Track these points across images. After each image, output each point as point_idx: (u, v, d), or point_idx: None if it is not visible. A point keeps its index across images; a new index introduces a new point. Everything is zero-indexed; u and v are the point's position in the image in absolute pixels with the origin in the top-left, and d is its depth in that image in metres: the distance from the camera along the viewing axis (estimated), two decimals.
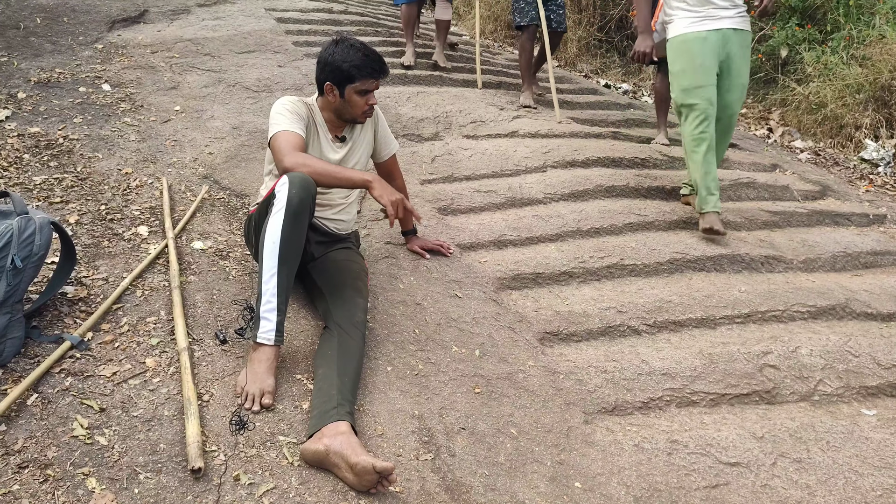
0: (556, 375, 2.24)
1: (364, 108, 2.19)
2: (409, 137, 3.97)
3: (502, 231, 3.06)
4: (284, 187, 1.88)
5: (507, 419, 1.98)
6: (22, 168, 2.78)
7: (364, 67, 2.12)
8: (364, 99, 2.17)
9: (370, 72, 2.13)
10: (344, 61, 2.11)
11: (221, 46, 4.75)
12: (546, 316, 2.54)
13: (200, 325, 2.02)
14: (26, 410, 1.59)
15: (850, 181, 4.78)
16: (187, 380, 1.73)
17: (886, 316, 2.83)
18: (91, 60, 4.13)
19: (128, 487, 1.45)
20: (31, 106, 3.38)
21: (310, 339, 2.10)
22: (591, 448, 1.96)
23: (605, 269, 2.90)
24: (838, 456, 2.07)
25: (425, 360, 2.14)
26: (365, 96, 2.17)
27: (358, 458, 1.53)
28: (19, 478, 1.42)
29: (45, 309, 1.94)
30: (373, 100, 2.19)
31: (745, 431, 2.12)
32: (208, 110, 3.79)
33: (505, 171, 3.68)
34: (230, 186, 3.06)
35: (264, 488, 1.52)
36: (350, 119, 2.24)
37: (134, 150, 3.17)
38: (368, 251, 2.70)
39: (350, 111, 2.20)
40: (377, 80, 2.17)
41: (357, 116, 2.22)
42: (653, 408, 2.21)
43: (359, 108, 2.18)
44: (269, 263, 1.85)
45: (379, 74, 2.16)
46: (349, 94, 2.16)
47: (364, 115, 2.22)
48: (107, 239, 2.39)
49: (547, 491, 1.76)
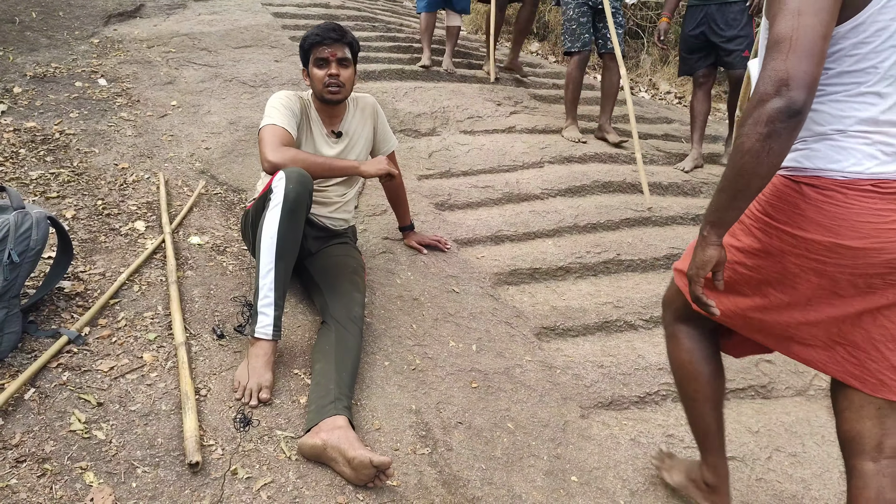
0: (553, 370, 2.25)
1: (323, 79, 2.15)
2: (407, 133, 3.96)
3: (499, 226, 3.06)
4: (281, 182, 1.87)
5: (504, 413, 1.99)
6: (18, 163, 2.77)
7: (311, 36, 2.15)
8: (323, 71, 2.15)
9: (314, 37, 2.14)
10: (302, 38, 2.18)
11: (218, 41, 4.73)
12: (543, 311, 2.55)
13: (198, 320, 2.03)
14: (24, 405, 1.59)
15: None
16: (185, 374, 1.73)
17: None
18: (87, 55, 4.12)
19: (125, 481, 1.45)
20: (27, 100, 3.37)
21: (307, 333, 2.10)
22: (588, 442, 1.97)
23: (602, 264, 2.90)
24: (833, 450, 2.09)
25: (422, 354, 2.14)
26: (323, 68, 2.15)
27: (355, 453, 1.54)
28: (17, 472, 1.42)
29: (41, 304, 1.93)
30: (332, 70, 2.15)
31: (741, 426, 2.14)
32: (205, 105, 3.78)
33: (502, 167, 3.68)
34: (227, 181, 3.06)
35: (262, 482, 1.52)
36: (320, 97, 2.20)
37: (130, 145, 3.16)
38: (366, 246, 2.70)
39: (316, 88, 2.18)
40: (329, 46, 2.14)
41: (321, 92, 2.17)
42: (649, 402, 2.22)
43: (318, 80, 2.16)
44: (266, 258, 1.85)
45: (324, 38, 2.14)
46: (311, 70, 2.18)
47: (327, 90, 2.16)
48: (104, 234, 2.39)
49: (543, 485, 1.77)
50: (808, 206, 1.24)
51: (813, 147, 1.25)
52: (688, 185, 3.74)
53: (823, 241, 1.23)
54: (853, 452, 1.34)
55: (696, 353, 1.58)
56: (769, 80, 1.10)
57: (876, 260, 1.22)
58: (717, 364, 1.58)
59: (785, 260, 1.30)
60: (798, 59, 1.08)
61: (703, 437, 1.63)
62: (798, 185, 1.26)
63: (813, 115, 1.24)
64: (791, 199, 1.27)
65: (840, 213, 1.21)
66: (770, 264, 1.32)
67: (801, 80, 1.08)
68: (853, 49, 1.18)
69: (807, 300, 1.31)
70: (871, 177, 1.20)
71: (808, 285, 1.30)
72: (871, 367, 1.31)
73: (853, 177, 1.20)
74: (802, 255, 1.27)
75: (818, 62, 1.09)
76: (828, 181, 1.22)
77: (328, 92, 2.16)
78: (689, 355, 1.59)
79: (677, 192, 3.68)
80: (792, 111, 1.08)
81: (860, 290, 1.27)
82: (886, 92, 1.18)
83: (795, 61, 1.08)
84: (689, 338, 1.60)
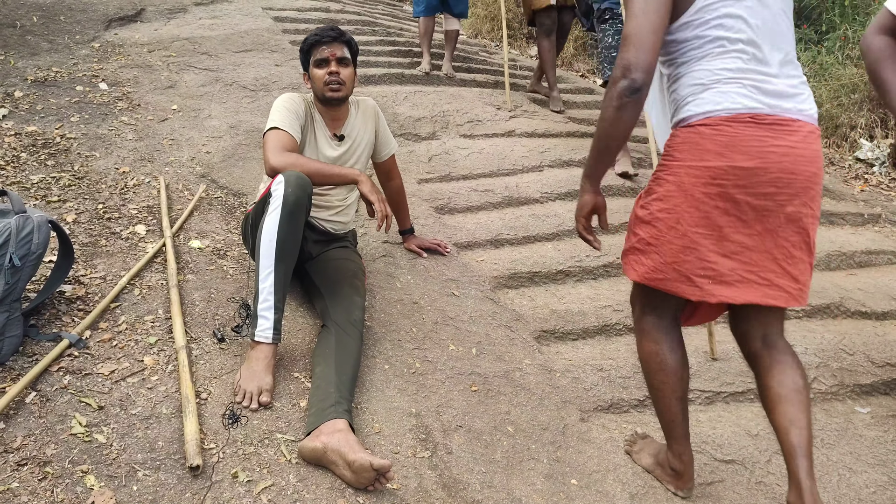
0: (553, 373, 2.25)
1: (324, 78, 2.16)
2: (407, 137, 3.98)
3: (499, 230, 3.07)
4: (280, 186, 1.88)
5: (504, 417, 1.99)
6: (19, 167, 2.78)
7: (310, 37, 2.19)
8: (323, 70, 2.17)
9: (313, 38, 2.18)
10: (302, 42, 2.22)
11: (219, 45, 4.75)
12: (542, 314, 2.55)
13: (198, 324, 2.03)
14: (25, 408, 1.59)
15: (845, 181, 4.80)
16: (185, 378, 1.73)
17: (881, 314, 2.85)
18: (88, 59, 4.13)
19: (126, 485, 1.46)
20: (28, 104, 3.38)
21: (307, 337, 2.10)
22: (588, 445, 1.97)
23: (602, 267, 2.91)
24: (832, 453, 2.09)
25: (422, 358, 2.15)
26: (323, 68, 2.17)
27: (355, 456, 1.54)
28: (18, 475, 1.42)
29: (42, 307, 1.94)
30: (332, 68, 2.16)
31: (740, 429, 2.14)
32: (205, 109, 3.79)
33: (502, 171, 3.69)
34: (227, 185, 3.07)
35: (262, 485, 1.53)
36: (322, 98, 2.21)
37: (131, 149, 3.17)
38: (366, 250, 2.71)
39: (317, 88, 2.19)
40: (328, 45, 2.17)
41: (323, 91, 2.18)
42: (648, 405, 2.22)
43: (319, 80, 2.17)
44: (265, 262, 1.86)
45: (322, 37, 2.17)
46: (311, 71, 2.20)
47: (328, 89, 2.17)
48: (104, 238, 2.40)
49: (543, 488, 1.77)
50: (705, 140, 1.54)
51: (701, 97, 1.56)
52: None
53: (721, 165, 1.52)
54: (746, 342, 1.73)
55: (663, 344, 1.73)
56: (618, 67, 1.49)
57: (763, 178, 1.51)
58: (682, 354, 1.75)
59: (694, 191, 1.54)
60: (636, 51, 1.47)
61: (669, 426, 1.77)
62: (694, 128, 1.56)
63: (696, 75, 1.57)
64: (690, 140, 1.56)
65: (730, 142, 1.51)
66: (683, 199, 1.56)
67: (639, 66, 1.46)
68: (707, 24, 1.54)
69: (719, 230, 1.55)
70: (748, 111, 1.51)
71: (716, 213, 1.54)
72: (779, 282, 1.58)
73: (734, 112, 1.52)
74: (707, 182, 1.53)
75: (652, 52, 1.48)
76: (716, 118, 1.53)
77: (329, 90, 2.17)
78: (657, 346, 1.74)
79: None
80: (633, 89, 1.47)
81: (758, 213, 1.54)
82: (745, 48, 1.53)
83: (634, 53, 1.47)
84: (655, 328, 1.74)
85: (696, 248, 1.56)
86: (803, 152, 1.53)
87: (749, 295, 1.57)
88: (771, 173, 1.51)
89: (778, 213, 1.54)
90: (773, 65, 1.54)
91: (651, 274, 1.63)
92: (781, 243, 1.56)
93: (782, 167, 1.51)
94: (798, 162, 1.52)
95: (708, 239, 1.55)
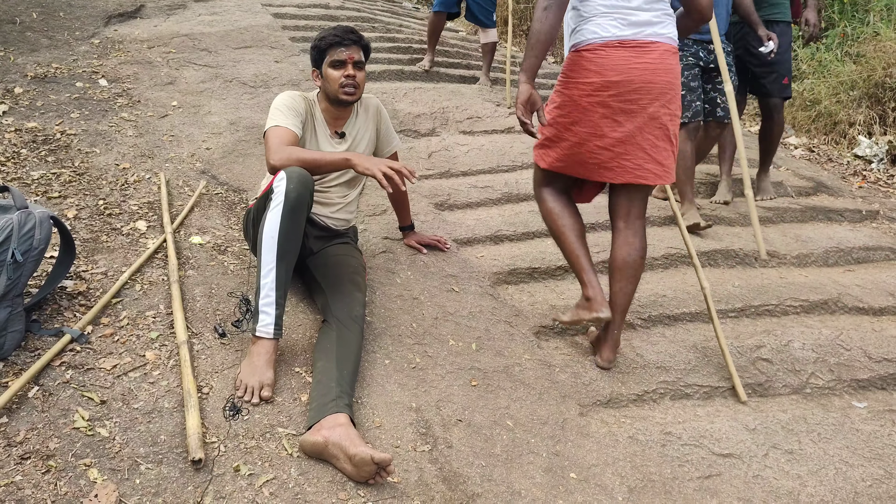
0: (552, 368, 2.27)
1: (340, 80, 2.17)
2: (407, 133, 3.98)
3: (498, 226, 3.08)
4: (282, 182, 1.89)
5: (504, 411, 2.00)
6: (20, 163, 2.78)
7: (328, 37, 2.18)
8: (340, 72, 2.17)
9: (332, 38, 2.17)
10: (316, 41, 2.21)
11: (218, 42, 4.75)
12: (542, 310, 2.56)
13: (199, 319, 2.04)
14: (28, 403, 1.60)
15: (843, 177, 4.81)
16: (187, 372, 1.75)
17: (878, 310, 2.87)
18: (88, 55, 4.13)
19: (129, 478, 1.47)
20: (28, 101, 3.38)
21: (308, 332, 2.12)
22: (587, 440, 1.99)
23: (601, 263, 2.92)
24: (829, 447, 2.11)
25: (422, 353, 2.16)
26: (339, 69, 2.17)
27: (356, 450, 1.55)
28: (21, 469, 1.44)
29: (44, 303, 1.95)
30: (349, 71, 2.17)
31: (738, 423, 2.15)
32: (205, 106, 3.79)
33: (501, 167, 3.70)
34: (228, 181, 3.08)
35: (264, 479, 1.54)
36: (335, 99, 2.21)
37: (132, 146, 3.17)
38: (366, 246, 2.72)
39: (330, 88, 2.20)
40: (346, 48, 2.17)
41: (337, 93, 2.18)
42: (647, 400, 2.24)
43: (334, 81, 2.17)
44: (267, 257, 1.87)
45: (342, 40, 2.17)
46: (325, 71, 2.20)
47: (343, 91, 2.18)
48: (105, 233, 2.40)
49: (543, 481, 1.78)
50: (587, 62, 2.05)
51: (584, 27, 2.06)
52: None
53: (598, 81, 2.03)
54: (614, 218, 2.25)
55: (557, 203, 2.29)
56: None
57: (629, 88, 2.02)
58: (573, 209, 2.30)
59: (581, 101, 2.07)
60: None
61: (575, 261, 2.23)
62: (580, 53, 2.07)
63: (582, 10, 2.06)
64: (577, 62, 2.08)
65: (604, 62, 2.02)
66: (574, 107, 2.10)
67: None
68: None
69: (601, 129, 2.07)
70: (617, 38, 2.01)
71: (597, 116, 2.06)
72: (647, 166, 2.11)
73: (607, 39, 2.02)
74: (589, 94, 2.05)
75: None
76: (594, 45, 2.04)
77: (344, 93, 2.18)
78: (553, 205, 2.29)
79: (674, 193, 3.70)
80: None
81: (628, 115, 2.05)
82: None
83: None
84: (551, 195, 2.31)
85: (585, 143, 2.11)
86: (659, 66, 2.03)
87: (625, 176, 2.12)
88: (634, 84, 2.02)
89: (642, 114, 2.05)
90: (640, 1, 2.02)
91: (555, 163, 2.22)
92: (647, 136, 2.08)
93: (643, 79, 2.02)
94: (656, 73, 2.03)
95: (593, 136, 2.09)
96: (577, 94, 2.07)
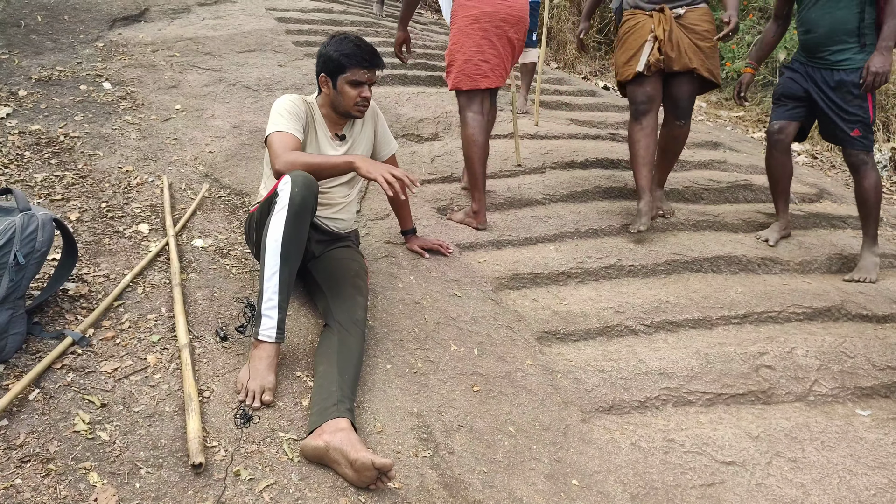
0: (554, 374, 2.26)
1: (356, 99, 2.18)
2: (409, 138, 3.99)
3: (501, 231, 3.08)
4: (287, 186, 1.89)
5: (506, 417, 2.00)
6: (23, 165, 2.79)
7: (353, 56, 2.14)
8: (357, 91, 2.17)
9: (359, 61, 2.15)
10: (336, 51, 2.16)
11: (222, 45, 4.76)
12: (544, 315, 2.56)
13: (201, 322, 2.04)
14: (28, 406, 1.60)
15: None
16: (188, 376, 1.74)
17: (881, 318, 2.86)
18: (92, 58, 4.14)
19: (129, 482, 1.46)
20: (32, 103, 3.39)
21: (310, 336, 2.11)
22: (589, 446, 1.98)
23: (603, 269, 2.92)
24: (833, 455, 2.09)
25: (424, 358, 2.15)
26: (357, 88, 2.17)
27: (357, 455, 1.55)
28: (21, 472, 1.43)
29: (46, 305, 1.95)
30: (366, 93, 2.19)
31: (741, 431, 2.14)
32: (209, 109, 3.80)
33: (504, 172, 3.69)
34: (230, 185, 3.08)
35: (264, 483, 1.53)
36: (344, 112, 2.23)
37: (135, 149, 3.18)
38: (368, 250, 2.71)
39: (343, 103, 2.20)
40: (368, 71, 2.17)
41: (350, 109, 2.21)
42: (650, 407, 2.23)
43: (350, 99, 2.18)
44: (271, 261, 1.87)
45: (369, 65, 2.16)
46: (341, 85, 2.18)
47: (357, 108, 2.21)
48: (108, 236, 2.40)
49: (544, 488, 1.77)
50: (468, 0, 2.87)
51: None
52: (689, 192, 3.76)
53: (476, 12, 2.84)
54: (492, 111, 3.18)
55: (476, 128, 2.93)
56: None
57: (498, 17, 2.85)
58: (487, 137, 3.01)
59: (465, 28, 2.87)
60: None
61: (475, 182, 2.98)
62: None
63: None
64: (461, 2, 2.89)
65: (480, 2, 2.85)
66: (461, 35, 2.89)
67: None
68: None
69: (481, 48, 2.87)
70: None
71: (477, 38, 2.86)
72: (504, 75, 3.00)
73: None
74: (471, 22, 2.86)
75: None
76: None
77: (356, 110, 2.22)
78: (472, 129, 2.93)
79: (678, 199, 3.70)
80: None
81: (498, 37, 2.88)
82: None
83: None
84: (471, 118, 2.94)
85: (471, 60, 2.87)
86: (516, 3, 2.88)
87: (498, 82, 2.95)
88: (500, 15, 2.84)
89: (505, 37, 2.89)
90: None
91: (455, 81, 2.94)
92: (508, 53, 2.94)
93: (507, 11, 2.85)
94: (514, 8, 2.87)
95: (477, 54, 2.87)
96: (462, 24, 2.87)
